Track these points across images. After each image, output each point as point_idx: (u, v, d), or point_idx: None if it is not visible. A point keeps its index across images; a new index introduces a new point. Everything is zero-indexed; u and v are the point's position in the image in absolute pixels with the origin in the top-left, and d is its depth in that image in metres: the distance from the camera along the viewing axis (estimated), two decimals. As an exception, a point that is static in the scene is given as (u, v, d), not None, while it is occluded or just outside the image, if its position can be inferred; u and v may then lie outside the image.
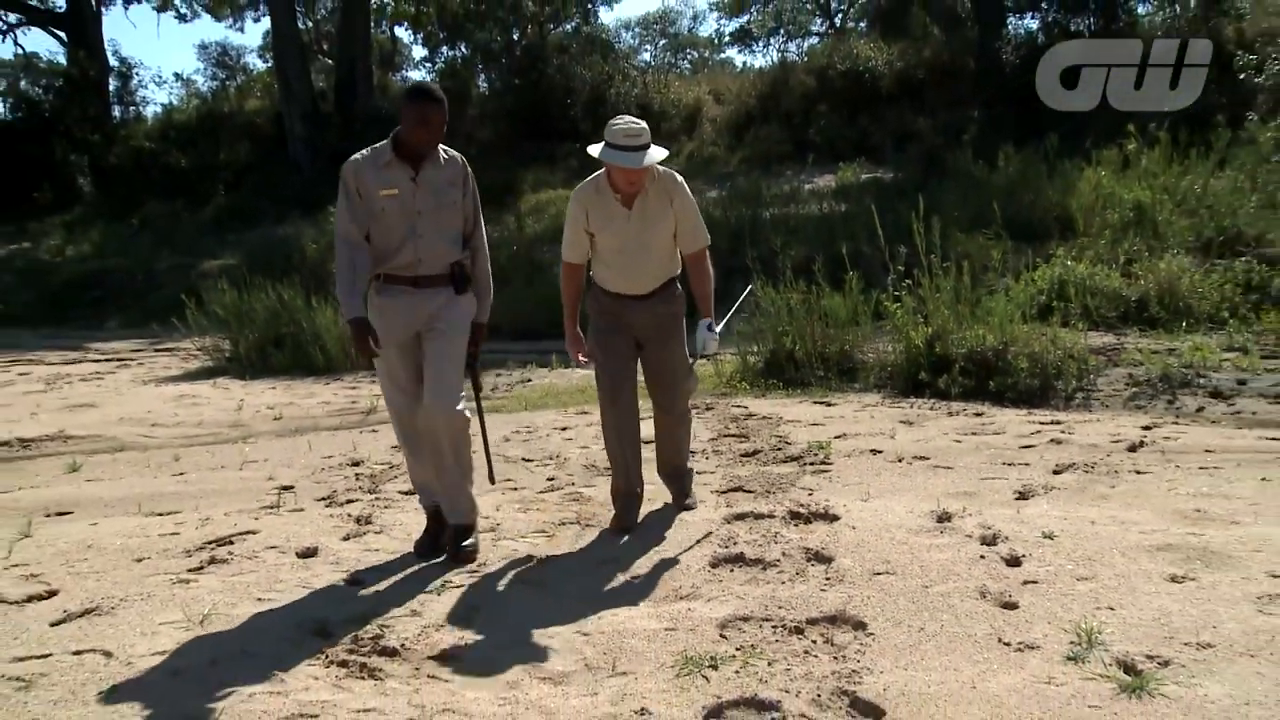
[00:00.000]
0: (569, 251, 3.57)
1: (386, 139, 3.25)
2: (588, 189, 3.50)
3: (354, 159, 3.24)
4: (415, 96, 3.19)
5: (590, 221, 3.47)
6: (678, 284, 3.64)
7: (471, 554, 3.30)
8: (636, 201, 3.43)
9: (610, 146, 3.31)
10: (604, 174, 3.46)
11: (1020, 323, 6.41)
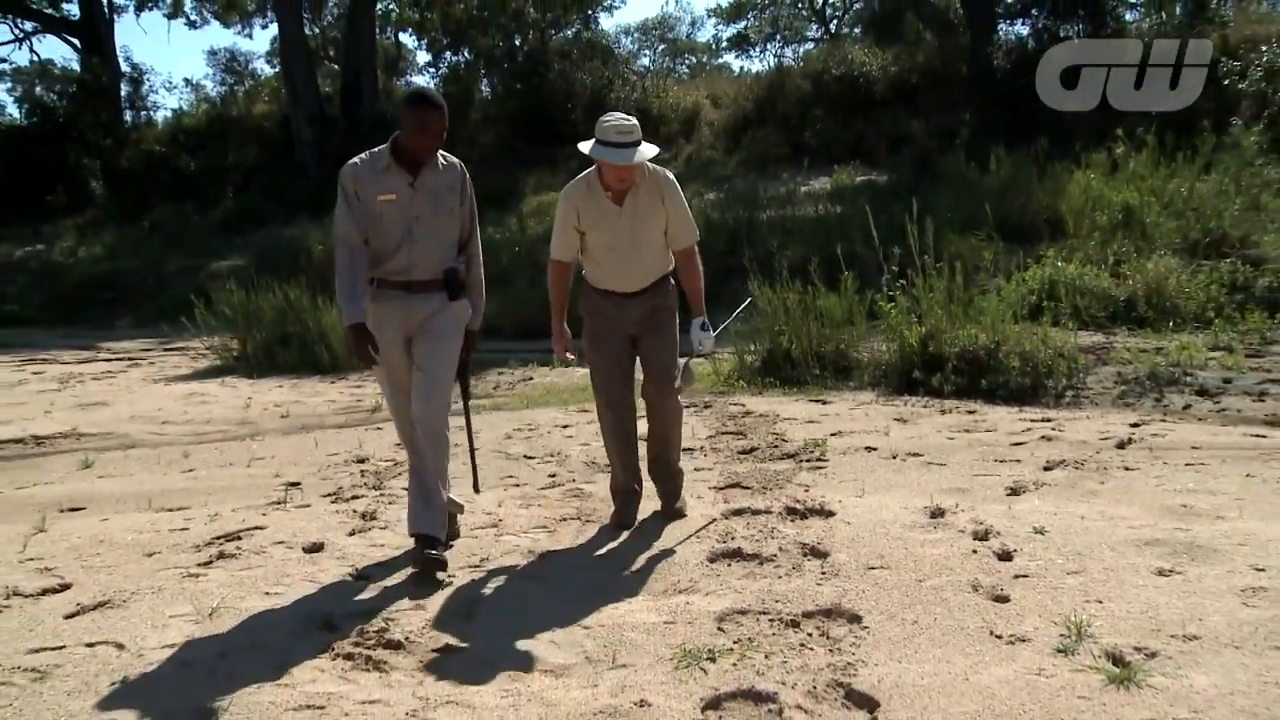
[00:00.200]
0: (558, 250, 3.50)
1: (386, 143, 3.16)
2: (578, 187, 3.43)
3: (352, 163, 3.15)
4: (415, 102, 3.10)
5: (581, 220, 3.40)
6: (671, 280, 3.58)
7: (440, 563, 3.05)
8: (627, 199, 3.35)
9: (601, 143, 3.23)
10: (595, 171, 3.38)
11: (1011, 322, 6.42)
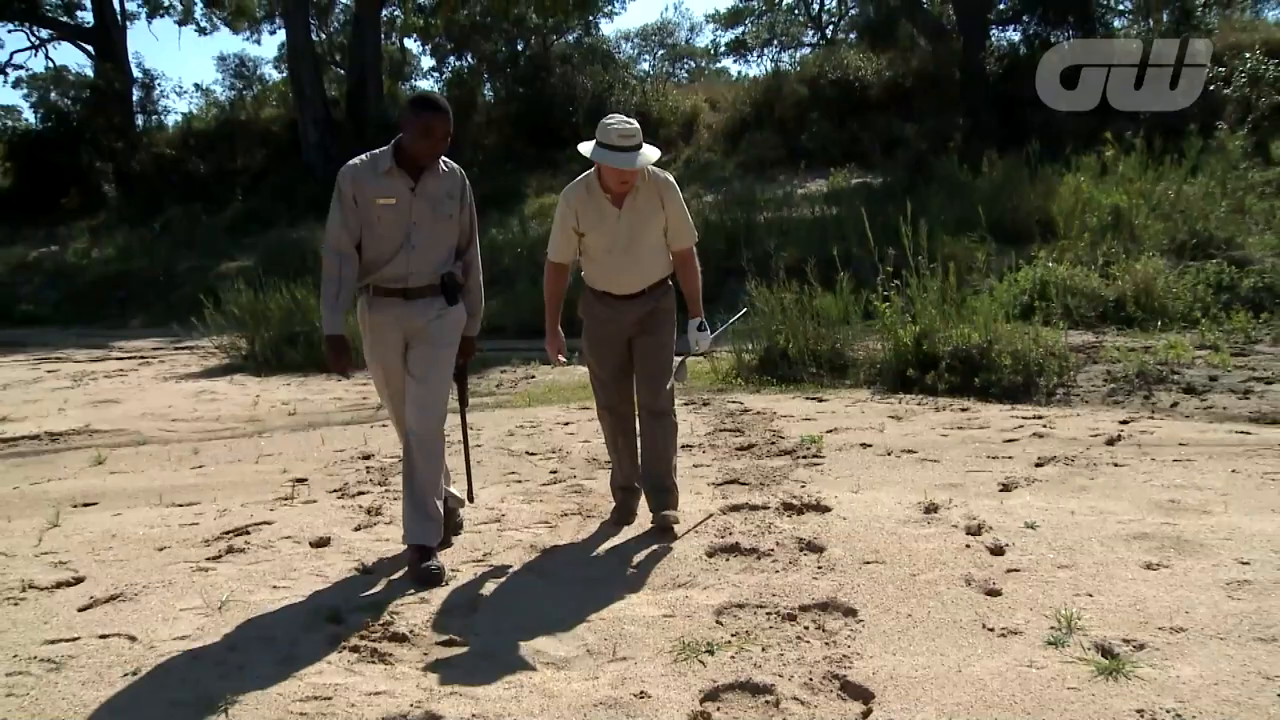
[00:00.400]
0: (555, 251, 3.42)
1: (387, 146, 3.05)
2: (578, 189, 3.35)
3: (352, 164, 3.03)
4: (419, 107, 2.98)
5: (580, 221, 3.32)
6: (669, 283, 3.51)
7: (437, 576, 2.97)
8: (626, 201, 3.28)
9: (603, 146, 3.15)
10: (594, 173, 3.30)
11: (1004, 321, 6.42)
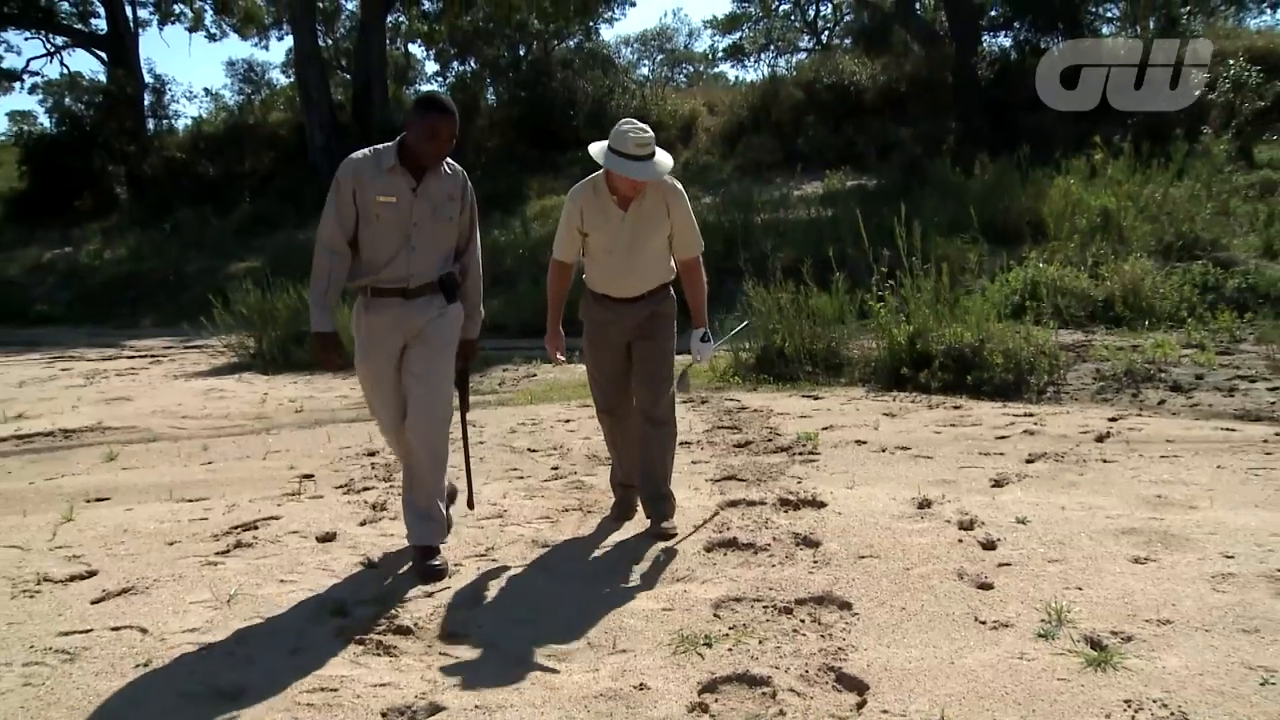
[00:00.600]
0: (559, 249, 3.36)
1: (392, 143, 2.96)
2: (585, 189, 3.30)
3: (354, 158, 2.92)
4: (425, 108, 2.88)
5: (585, 221, 3.27)
6: (670, 289, 3.42)
7: (441, 572, 2.97)
8: (633, 205, 3.22)
9: (617, 153, 3.08)
10: (603, 174, 3.25)
11: (995, 321, 6.43)
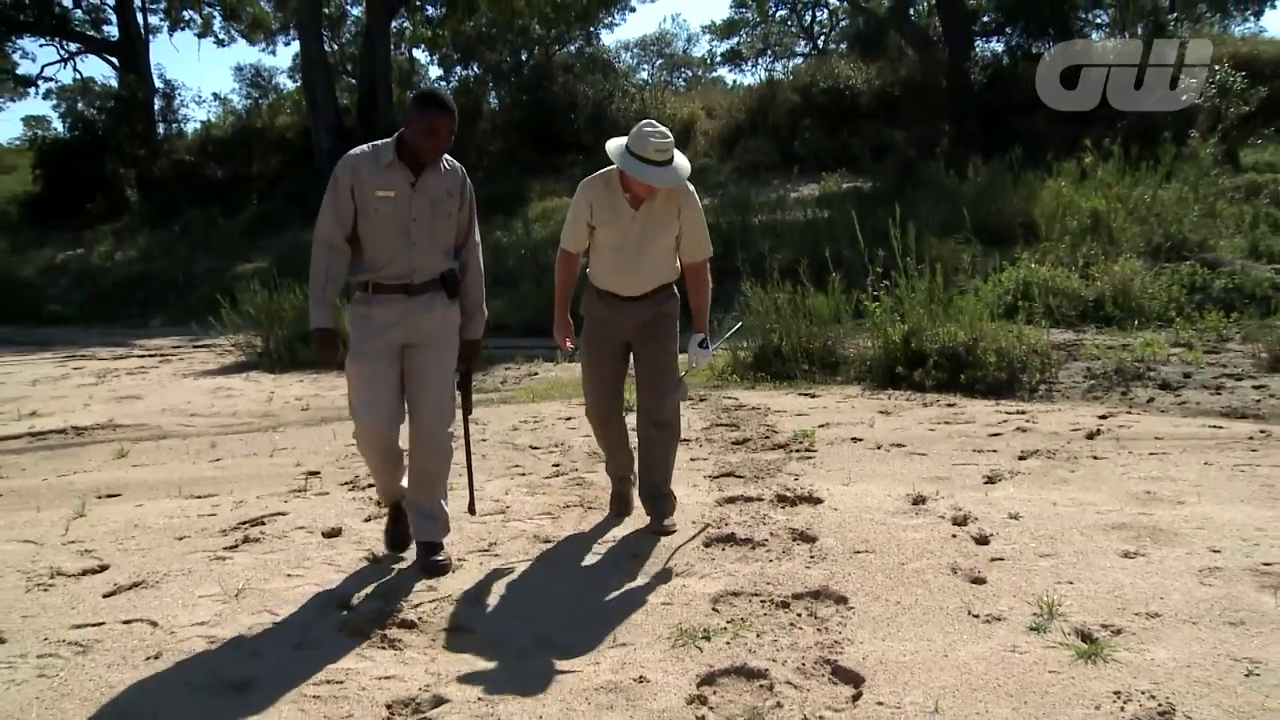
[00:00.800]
0: (568, 240, 3.28)
1: (391, 138, 2.89)
2: (596, 183, 3.20)
3: (353, 154, 2.86)
4: (425, 104, 2.80)
5: (594, 215, 3.18)
6: (674, 289, 3.37)
7: (444, 567, 2.96)
8: (644, 204, 3.14)
9: (637, 157, 2.98)
10: (617, 170, 3.14)
11: (988, 320, 6.43)
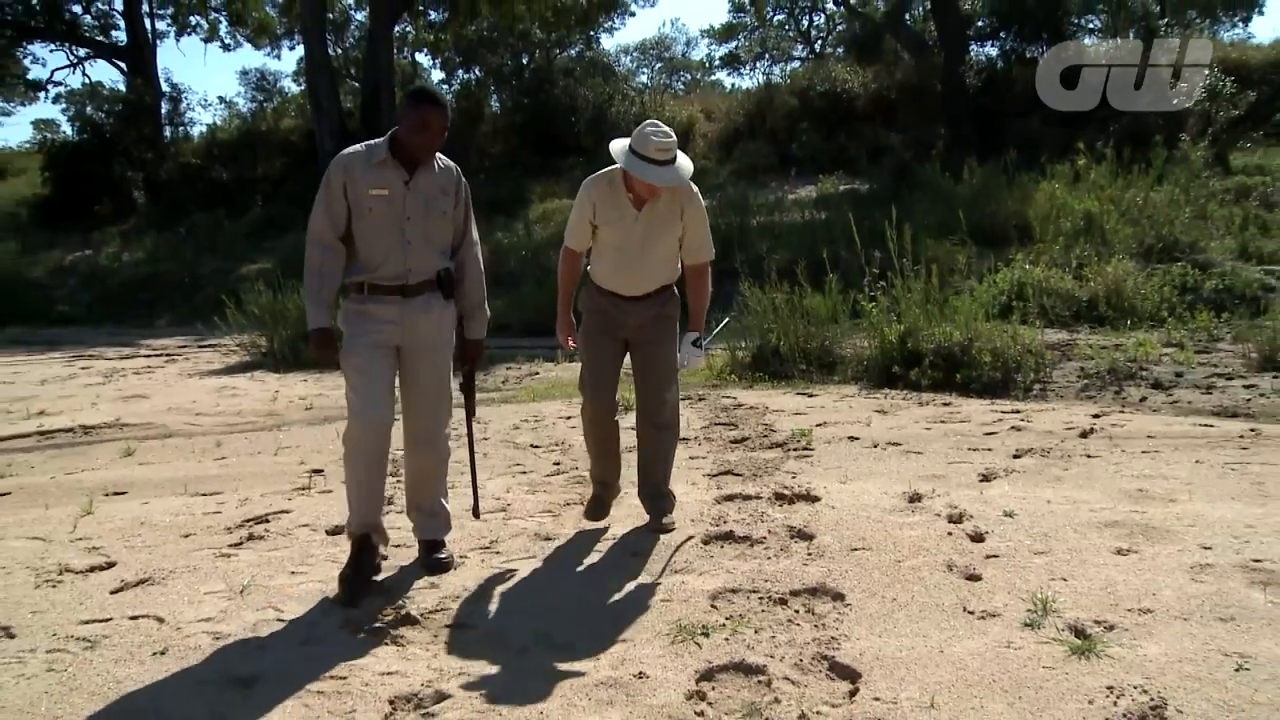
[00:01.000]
0: (571, 238, 3.23)
1: (384, 137, 2.85)
2: (600, 182, 3.15)
3: (346, 153, 2.83)
4: (417, 100, 2.77)
5: (597, 214, 3.13)
6: (674, 289, 3.34)
7: (446, 564, 2.96)
8: (647, 204, 3.09)
9: (640, 157, 2.95)
10: (621, 170, 3.09)
11: (984, 320, 6.42)
